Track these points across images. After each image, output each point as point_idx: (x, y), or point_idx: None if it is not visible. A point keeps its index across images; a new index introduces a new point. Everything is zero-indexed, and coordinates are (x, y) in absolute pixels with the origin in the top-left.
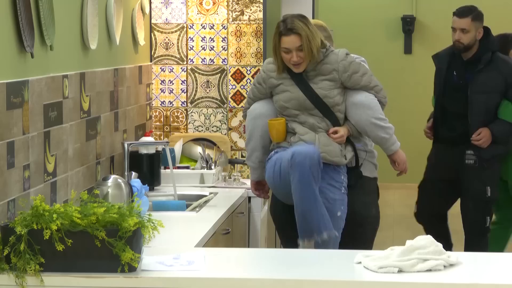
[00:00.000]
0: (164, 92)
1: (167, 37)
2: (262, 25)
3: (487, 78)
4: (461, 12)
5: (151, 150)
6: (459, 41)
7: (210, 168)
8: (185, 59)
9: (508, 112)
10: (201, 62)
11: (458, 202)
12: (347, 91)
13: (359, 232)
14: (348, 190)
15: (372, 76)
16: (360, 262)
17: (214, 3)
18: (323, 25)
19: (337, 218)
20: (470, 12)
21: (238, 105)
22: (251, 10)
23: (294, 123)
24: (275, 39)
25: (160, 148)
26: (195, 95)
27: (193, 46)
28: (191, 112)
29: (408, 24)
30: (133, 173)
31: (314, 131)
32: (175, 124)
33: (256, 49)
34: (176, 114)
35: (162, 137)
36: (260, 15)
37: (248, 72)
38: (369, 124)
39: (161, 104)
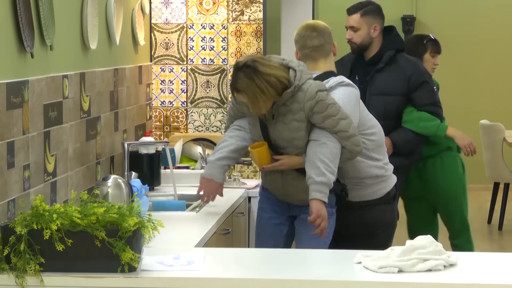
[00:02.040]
0: (164, 92)
1: (167, 37)
2: (262, 25)
3: (387, 78)
4: (350, 9)
5: (151, 150)
6: (350, 41)
7: None
8: (185, 59)
9: (412, 120)
10: (201, 62)
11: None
12: (312, 130)
13: (381, 237)
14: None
15: (342, 121)
16: (360, 262)
17: (214, 3)
18: (316, 28)
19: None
20: (359, 8)
21: None
22: (251, 10)
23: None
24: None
25: (160, 148)
26: (195, 95)
27: (193, 46)
28: (191, 112)
29: (408, 24)
30: (133, 173)
31: (281, 173)
32: (175, 124)
33: (256, 49)
34: (176, 114)
35: (162, 137)
36: (260, 15)
37: None
38: (310, 158)
39: (161, 104)
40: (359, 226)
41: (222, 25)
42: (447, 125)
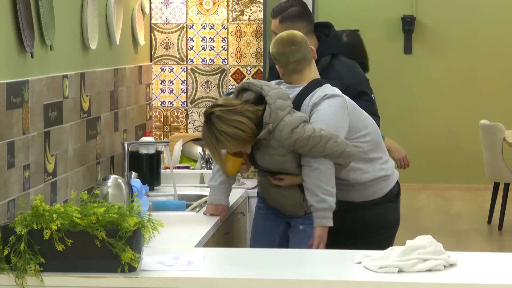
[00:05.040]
0: (164, 92)
1: (167, 37)
2: (262, 25)
3: None
4: (272, 11)
5: (151, 150)
6: None
7: (210, 168)
8: (185, 59)
9: None
10: (201, 62)
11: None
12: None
13: (384, 236)
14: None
15: (328, 144)
16: (360, 262)
17: (214, 3)
18: (294, 41)
19: (300, 232)
20: (279, 13)
21: None
22: (251, 10)
23: (259, 171)
24: None
25: (160, 148)
26: (195, 95)
27: (193, 46)
28: (191, 112)
29: (408, 24)
30: (133, 173)
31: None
32: (175, 124)
33: (256, 49)
34: (176, 114)
35: (162, 137)
36: (260, 15)
37: (248, 72)
38: (307, 185)
39: (161, 104)
40: (362, 226)
41: (222, 25)
42: (384, 135)
